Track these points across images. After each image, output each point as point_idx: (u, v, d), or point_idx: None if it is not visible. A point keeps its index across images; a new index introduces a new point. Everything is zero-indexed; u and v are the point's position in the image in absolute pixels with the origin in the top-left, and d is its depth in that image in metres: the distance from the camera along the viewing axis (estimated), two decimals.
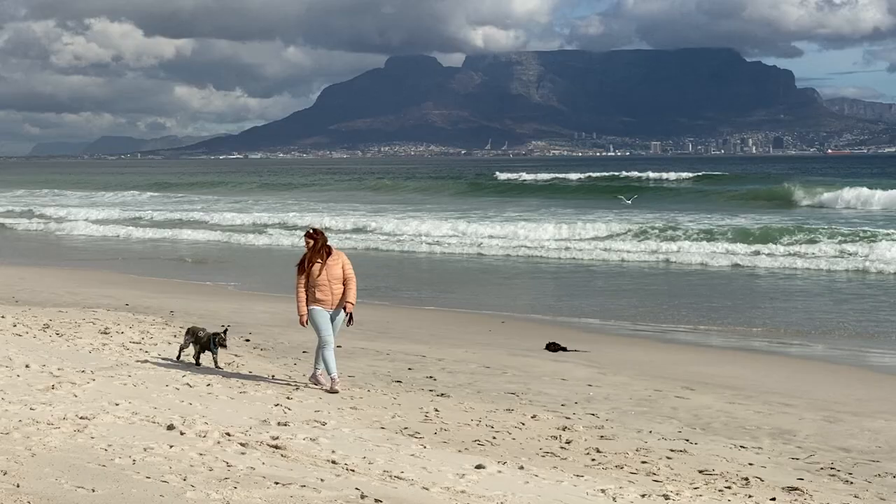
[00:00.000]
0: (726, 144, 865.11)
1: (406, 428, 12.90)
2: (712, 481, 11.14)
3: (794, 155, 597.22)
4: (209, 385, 14.50)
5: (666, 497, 10.23)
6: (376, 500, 8.22)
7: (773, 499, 10.47)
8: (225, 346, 16.49)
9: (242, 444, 10.38)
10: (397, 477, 9.69)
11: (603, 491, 10.27)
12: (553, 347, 20.29)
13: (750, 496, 10.52)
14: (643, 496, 10.20)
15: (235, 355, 17.88)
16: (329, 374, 15.16)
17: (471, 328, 23.15)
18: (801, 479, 11.50)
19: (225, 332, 16.68)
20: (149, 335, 19.53)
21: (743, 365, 19.12)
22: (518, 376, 17.33)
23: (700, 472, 11.58)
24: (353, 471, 9.76)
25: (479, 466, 10.80)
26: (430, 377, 16.93)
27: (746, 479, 11.30)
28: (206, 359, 16.59)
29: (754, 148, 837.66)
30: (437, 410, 13.93)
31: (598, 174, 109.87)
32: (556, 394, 15.89)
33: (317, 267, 15.08)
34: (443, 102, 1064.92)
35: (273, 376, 16.08)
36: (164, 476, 8.48)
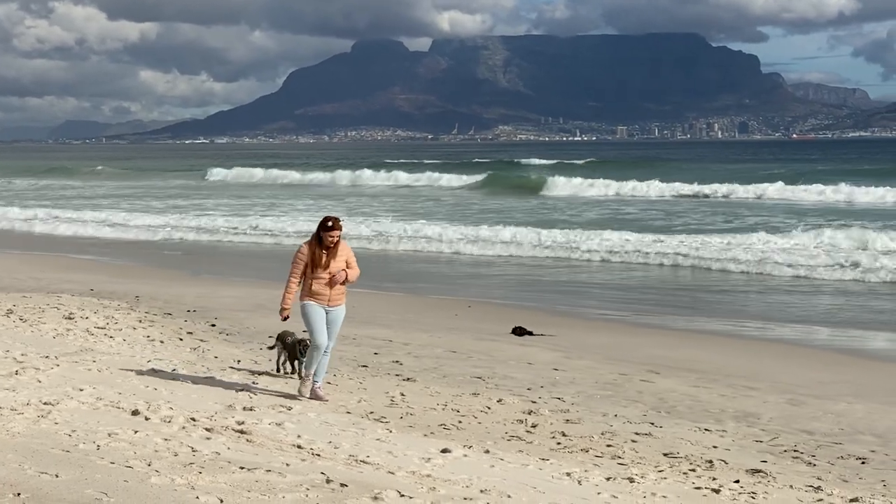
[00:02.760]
0: (692, 129, 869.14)
1: (372, 412, 12.90)
2: (677, 464, 11.20)
3: (759, 140, 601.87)
4: (174, 370, 14.44)
5: (631, 480, 10.27)
6: (342, 485, 8.21)
7: (737, 481, 10.53)
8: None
9: (208, 430, 10.34)
10: (363, 461, 9.68)
11: (568, 474, 10.30)
12: (519, 332, 20.33)
13: (714, 478, 10.58)
14: (608, 479, 10.23)
15: (201, 340, 17.82)
16: (315, 379, 13.61)
17: (437, 313, 23.16)
18: (765, 462, 11.59)
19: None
20: (114, 320, 19.42)
21: (707, 349, 19.22)
22: (484, 360, 17.36)
23: (665, 455, 11.65)
24: (318, 455, 9.74)
25: (444, 450, 10.81)
26: (397, 362, 16.93)
27: (710, 461, 11.37)
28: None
29: (720, 133, 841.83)
30: (402, 395, 13.94)
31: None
32: (522, 378, 15.92)
33: (324, 258, 13.37)
34: (409, 87, 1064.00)
35: (239, 361, 16.04)
36: (128, 461, 8.44)
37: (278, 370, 15.09)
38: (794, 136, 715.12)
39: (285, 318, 13.57)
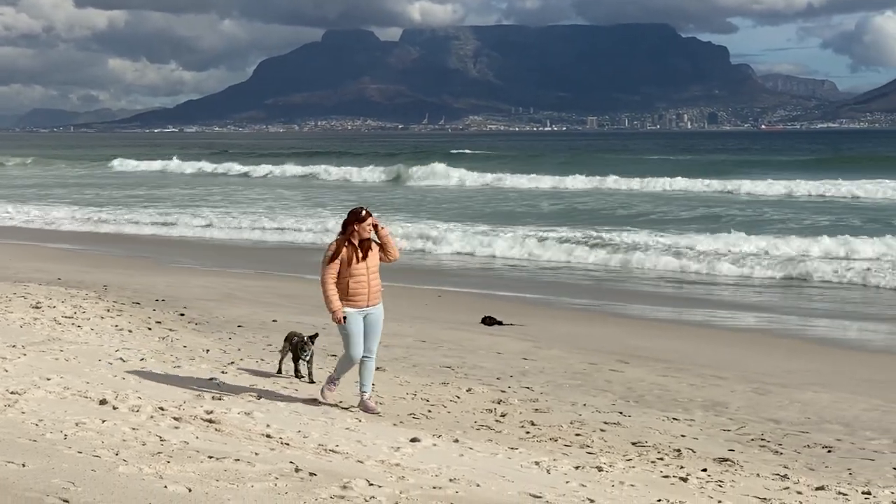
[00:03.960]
0: (662, 120, 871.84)
1: (341, 402, 12.88)
2: (645, 453, 11.25)
3: (728, 130, 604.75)
4: (143, 360, 14.38)
5: (599, 469, 10.31)
6: (311, 474, 8.20)
7: (705, 469, 10.59)
8: (306, 353, 14.00)
9: (176, 419, 10.32)
10: (332, 450, 9.69)
11: (537, 463, 10.34)
12: (489, 321, 20.35)
13: (682, 467, 10.63)
14: (577, 468, 10.27)
15: (170, 330, 17.75)
16: (362, 389, 12.60)
17: (407, 302, 23.14)
18: (732, 451, 11.65)
19: (311, 338, 14.13)
20: (81, 310, 19.30)
21: (676, 338, 19.30)
22: (454, 350, 17.37)
23: (633, 444, 11.69)
24: (287, 445, 9.74)
25: (413, 440, 10.82)
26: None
27: (679, 450, 11.42)
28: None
29: (689, 123, 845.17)
30: (372, 384, 13.90)
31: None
32: (492, 367, 15.94)
33: (358, 252, 12.27)
34: (380, 77, 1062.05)
35: (208, 351, 15.98)
36: (95, 451, 8.41)
37: (279, 371, 14.33)
38: (763, 126, 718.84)
39: (343, 319, 12.21)
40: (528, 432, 12.00)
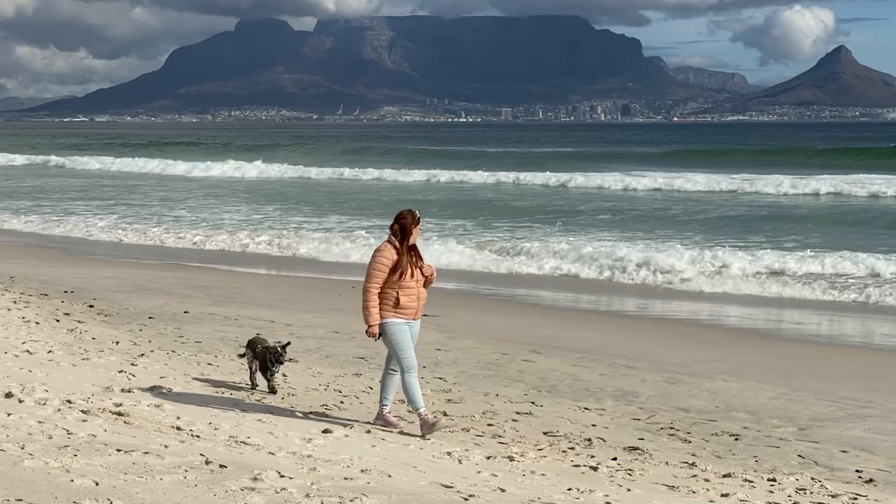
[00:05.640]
0: (576, 111, 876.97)
1: (253, 393, 12.82)
2: (556, 442, 11.33)
3: (641, 122, 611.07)
4: (50, 352, 14.15)
5: (511, 458, 10.37)
6: (221, 466, 8.14)
7: (615, 458, 10.69)
8: (281, 362, 12.98)
9: (84, 412, 10.18)
10: (243, 442, 9.63)
11: (449, 453, 10.37)
12: None
13: (592, 456, 10.73)
14: (488, 458, 10.32)
15: (78, 322, 17.50)
16: (416, 408, 11.38)
17: (320, 293, 23.10)
18: (642, 439, 11.78)
19: (284, 346, 13.12)
20: None
21: (590, 328, 19.47)
22: (367, 341, 17.20)
23: (545, 433, 11.77)
24: (198, 437, 9.66)
25: (326, 431, 10.81)
26: (279, 342, 16.79)
27: (589, 439, 11.52)
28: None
29: (603, 115, 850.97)
30: (284, 375, 13.83)
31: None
32: None
33: (410, 263, 11.29)
34: (294, 67, 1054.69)
35: (117, 342, 15.78)
36: (0, 444, 8.27)
37: (252, 385, 13.15)
38: (676, 119, 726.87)
39: (379, 336, 11.37)
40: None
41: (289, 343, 13.34)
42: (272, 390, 12.88)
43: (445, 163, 77.72)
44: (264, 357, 12.94)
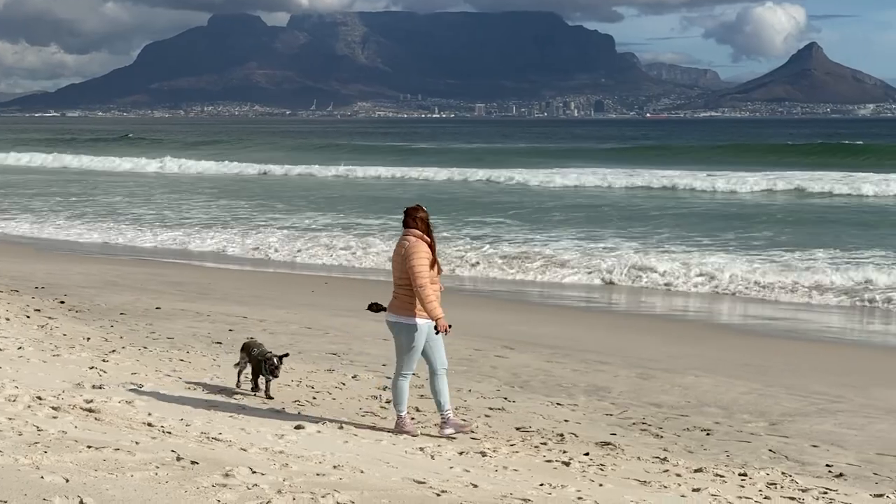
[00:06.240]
0: (549, 107, 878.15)
1: (225, 389, 12.78)
2: (528, 438, 11.34)
3: (614, 118, 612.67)
4: (20, 348, 14.06)
5: (483, 454, 10.38)
6: (192, 462, 8.12)
7: (587, 453, 10.71)
8: (276, 376, 12.62)
9: (54, 408, 10.13)
10: (215, 438, 9.60)
11: (421, 449, 10.37)
12: (375, 308, 20.19)
13: (564, 451, 10.74)
14: (461, 454, 10.32)
15: (49, 318, 17.40)
16: (441, 409, 11.24)
17: (293, 289, 23.06)
18: (614, 434, 11.81)
19: (280, 358, 12.73)
20: None
21: (563, 324, 19.51)
22: (340, 336, 17.33)
23: (517, 429, 11.78)
24: (169, 433, 9.62)
25: (298, 427, 10.79)
26: (251, 338, 16.74)
27: (562, 435, 11.54)
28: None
29: (576, 111, 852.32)
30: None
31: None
32: (378, 354, 15.91)
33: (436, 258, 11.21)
34: (267, 62, 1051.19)
35: (88, 339, 15.70)
36: None
37: (238, 385, 12.91)
38: (649, 115, 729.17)
39: (448, 328, 11.03)
40: (412, 418, 12.00)
41: (286, 355, 12.95)
42: (268, 396, 12.53)
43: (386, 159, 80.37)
44: (259, 363, 12.65)
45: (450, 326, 11.00)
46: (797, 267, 25.32)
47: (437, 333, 11.03)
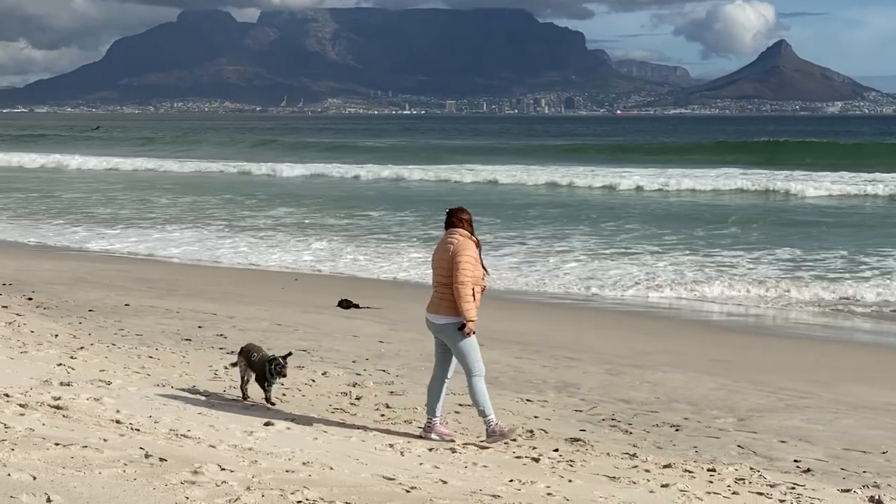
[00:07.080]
0: (520, 104, 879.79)
1: (194, 386, 12.72)
2: None
3: (584, 115, 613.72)
4: None
5: (453, 451, 10.39)
6: (161, 459, 8.08)
7: (556, 449, 10.73)
8: (284, 375, 12.12)
9: (21, 405, 10.05)
10: (184, 435, 9.56)
11: (391, 445, 10.37)
12: (345, 304, 20.31)
13: (534, 447, 10.76)
14: (430, 450, 10.33)
15: (17, 314, 17.29)
16: (485, 415, 11.00)
17: (263, 286, 23.00)
18: (584, 430, 11.83)
19: (285, 357, 12.20)
20: None
21: (533, 321, 19.52)
22: (309, 333, 17.30)
23: None
24: (138, 430, 9.57)
25: (267, 423, 10.76)
26: (221, 335, 16.72)
27: (531, 431, 11.55)
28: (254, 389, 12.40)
29: (547, 108, 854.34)
30: (226, 368, 13.77)
31: None
32: (348, 350, 15.92)
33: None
34: (237, 58, 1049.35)
35: (56, 335, 15.62)
36: None
37: (244, 396, 12.30)
38: (619, 112, 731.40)
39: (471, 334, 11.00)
40: (382, 415, 12.02)
41: (290, 354, 12.43)
42: (270, 402, 12.12)
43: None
44: (262, 367, 12.13)
45: (473, 332, 10.92)
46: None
47: (458, 330, 10.96)
